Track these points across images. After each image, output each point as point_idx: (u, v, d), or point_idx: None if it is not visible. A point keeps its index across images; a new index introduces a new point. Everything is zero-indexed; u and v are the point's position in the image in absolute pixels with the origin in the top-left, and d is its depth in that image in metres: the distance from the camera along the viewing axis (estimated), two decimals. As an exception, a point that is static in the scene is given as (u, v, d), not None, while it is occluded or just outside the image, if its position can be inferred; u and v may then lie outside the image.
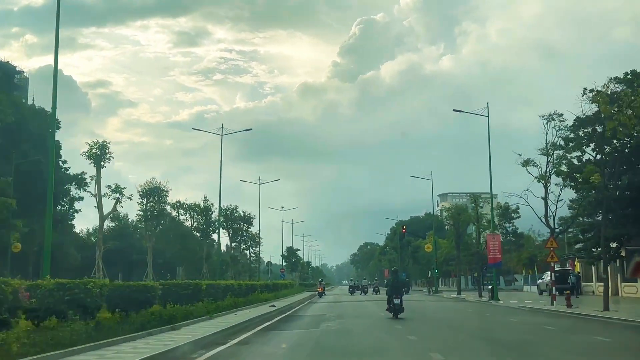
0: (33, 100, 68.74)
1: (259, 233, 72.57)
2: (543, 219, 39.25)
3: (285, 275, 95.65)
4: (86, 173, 62.01)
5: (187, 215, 62.42)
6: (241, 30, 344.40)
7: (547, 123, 38.59)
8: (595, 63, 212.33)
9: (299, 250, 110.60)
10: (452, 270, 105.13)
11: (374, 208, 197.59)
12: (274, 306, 35.35)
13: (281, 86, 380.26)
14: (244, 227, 70.29)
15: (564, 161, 38.42)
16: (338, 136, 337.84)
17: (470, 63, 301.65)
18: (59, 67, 21.28)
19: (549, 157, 38.84)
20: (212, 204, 60.08)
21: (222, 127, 52.22)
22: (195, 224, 62.48)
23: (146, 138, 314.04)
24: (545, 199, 38.98)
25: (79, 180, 64.50)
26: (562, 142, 38.58)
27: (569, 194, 41.40)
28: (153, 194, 50.68)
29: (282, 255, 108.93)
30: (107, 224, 67.02)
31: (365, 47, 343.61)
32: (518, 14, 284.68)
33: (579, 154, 38.70)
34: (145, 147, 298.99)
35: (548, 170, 38.87)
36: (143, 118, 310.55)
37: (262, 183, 73.24)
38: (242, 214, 69.03)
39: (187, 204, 62.30)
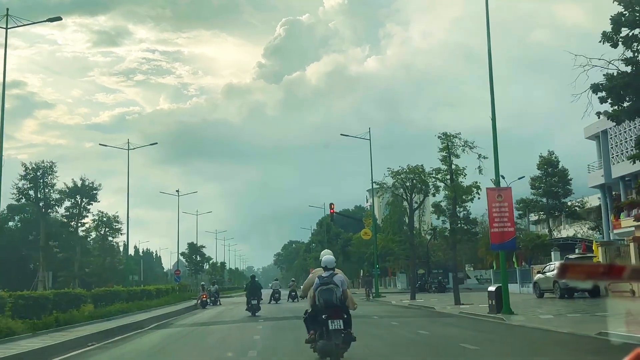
0: None
1: (127, 217, 46.11)
2: None
3: (180, 279, 70.25)
4: None
5: None
6: (163, 30, 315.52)
7: None
8: (513, 65, 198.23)
9: (204, 247, 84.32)
10: (390, 267, 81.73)
11: (301, 209, 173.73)
12: None
13: (206, 87, 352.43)
14: (82, 203, 43.76)
15: None
16: (264, 137, 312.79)
17: (394, 65, 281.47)
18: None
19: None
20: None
21: (6, 16, 27.57)
22: None
23: (64, 140, 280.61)
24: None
25: None
26: None
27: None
28: None
29: (183, 254, 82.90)
30: None
31: (291, 48, 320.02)
32: (439, 17, 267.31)
33: None
34: (62, 150, 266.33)
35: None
36: (60, 120, 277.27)
37: (131, 149, 48.16)
38: (78, 182, 42.46)
39: None
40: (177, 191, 72.28)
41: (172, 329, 23.21)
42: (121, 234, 49.63)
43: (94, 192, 42.59)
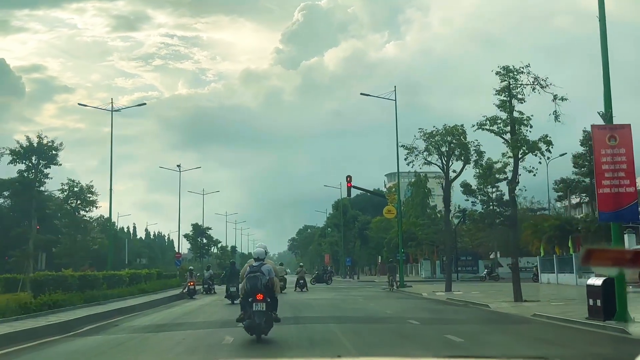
0: None
1: (110, 189, 37.08)
2: None
3: (181, 263, 62.49)
4: None
5: None
6: (182, 15, 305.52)
7: None
8: (534, 52, 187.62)
9: (210, 229, 75.92)
10: (412, 253, 72.96)
11: (317, 195, 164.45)
12: None
13: (224, 73, 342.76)
14: (39, 165, 34.52)
15: None
16: (281, 123, 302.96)
17: (413, 51, 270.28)
18: None
19: None
20: None
21: None
22: None
23: (82, 124, 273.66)
24: None
25: None
26: None
27: None
28: None
29: (187, 236, 74.87)
30: None
31: (309, 34, 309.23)
32: (459, 3, 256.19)
33: None
34: (81, 134, 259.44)
35: None
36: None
37: (115, 110, 40.03)
38: (34, 140, 33.27)
39: None
40: (179, 166, 64.19)
41: (105, 335, 14.82)
42: (96, 207, 41.35)
43: (54, 152, 33.81)
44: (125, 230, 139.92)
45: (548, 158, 23.45)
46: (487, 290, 32.51)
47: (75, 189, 38.92)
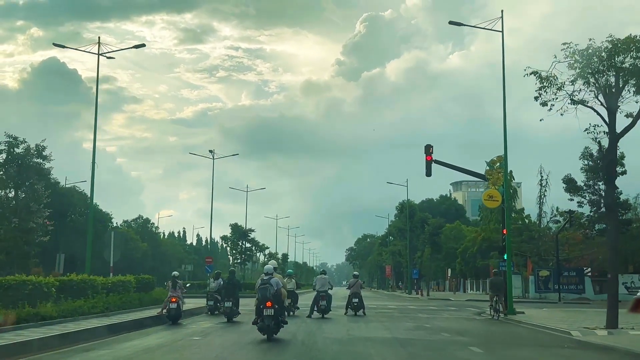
0: None
1: (93, 161, 23.58)
2: None
3: (211, 269, 49.22)
4: None
5: None
6: (247, 27, 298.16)
7: None
8: None
9: (253, 230, 62.13)
10: (494, 265, 57.12)
11: (377, 206, 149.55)
12: None
13: (285, 84, 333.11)
14: None
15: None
16: (341, 134, 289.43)
17: (478, 62, 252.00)
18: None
19: None
20: None
21: None
22: None
23: (149, 134, 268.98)
24: None
25: None
26: None
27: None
28: None
29: (225, 238, 61.64)
30: None
31: (370, 45, 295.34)
32: (527, 13, 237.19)
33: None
34: (147, 143, 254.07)
35: None
36: (147, 114, 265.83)
37: (111, 58, 26.95)
38: None
39: None
40: (211, 151, 51.28)
41: None
42: (51, 178, 27.78)
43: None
44: (176, 234, 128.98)
45: None
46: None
47: (17, 150, 25.48)
